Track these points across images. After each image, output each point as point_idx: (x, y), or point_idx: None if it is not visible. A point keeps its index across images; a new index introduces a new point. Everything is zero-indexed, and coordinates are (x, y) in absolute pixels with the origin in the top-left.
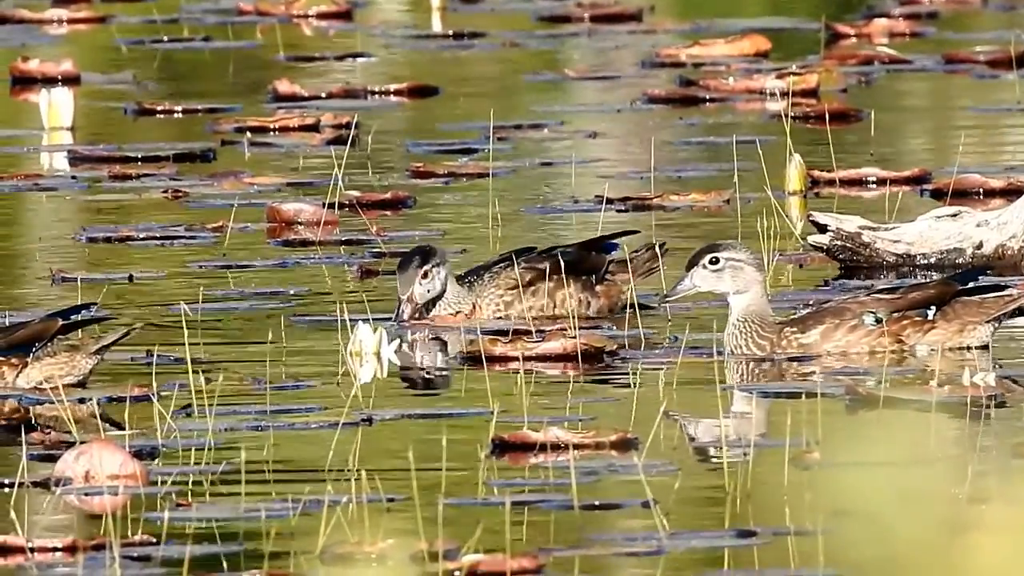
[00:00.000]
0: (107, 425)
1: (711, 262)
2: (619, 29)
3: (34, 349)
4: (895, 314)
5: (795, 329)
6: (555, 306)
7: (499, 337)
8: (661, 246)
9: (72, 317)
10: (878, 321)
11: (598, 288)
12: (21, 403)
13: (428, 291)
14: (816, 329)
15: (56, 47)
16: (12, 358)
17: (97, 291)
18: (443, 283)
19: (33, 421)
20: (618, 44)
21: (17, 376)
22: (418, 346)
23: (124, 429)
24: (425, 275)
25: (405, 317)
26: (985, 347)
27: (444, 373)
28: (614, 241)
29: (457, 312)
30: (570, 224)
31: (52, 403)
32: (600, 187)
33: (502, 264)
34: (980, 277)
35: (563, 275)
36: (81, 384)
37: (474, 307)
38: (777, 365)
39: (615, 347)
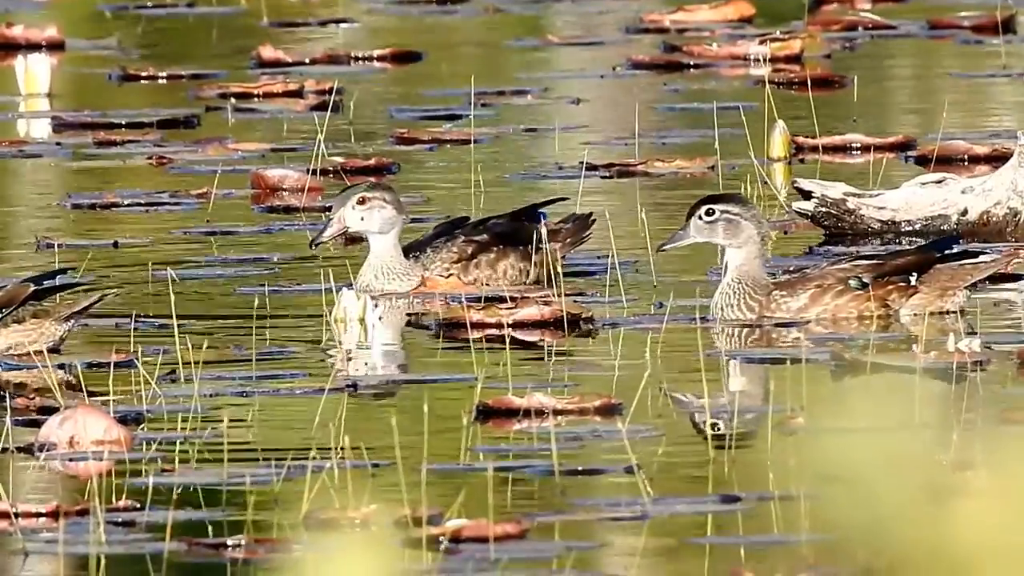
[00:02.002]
0: (90, 391)
1: (706, 213)
2: None
3: (0, 315)
4: (879, 279)
5: (784, 293)
6: (497, 277)
7: (472, 304)
8: (588, 216)
9: (46, 283)
10: (863, 286)
11: (535, 257)
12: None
13: (362, 219)
14: (804, 294)
15: (40, 13)
16: None
17: (82, 257)
18: (383, 222)
19: (14, 386)
20: (602, 10)
21: None
22: (400, 313)
23: (108, 395)
24: (362, 201)
25: (324, 237)
26: (963, 311)
27: (426, 340)
28: (541, 210)
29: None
30: (554, 190)
31: (35, 368)
32: (584, 153)
33: (443, 238)
34: (954, 245)
35: (502, 245)
36: (57, 350)
37: (423, 280)
38: (762, 330)
39: (591, 314)
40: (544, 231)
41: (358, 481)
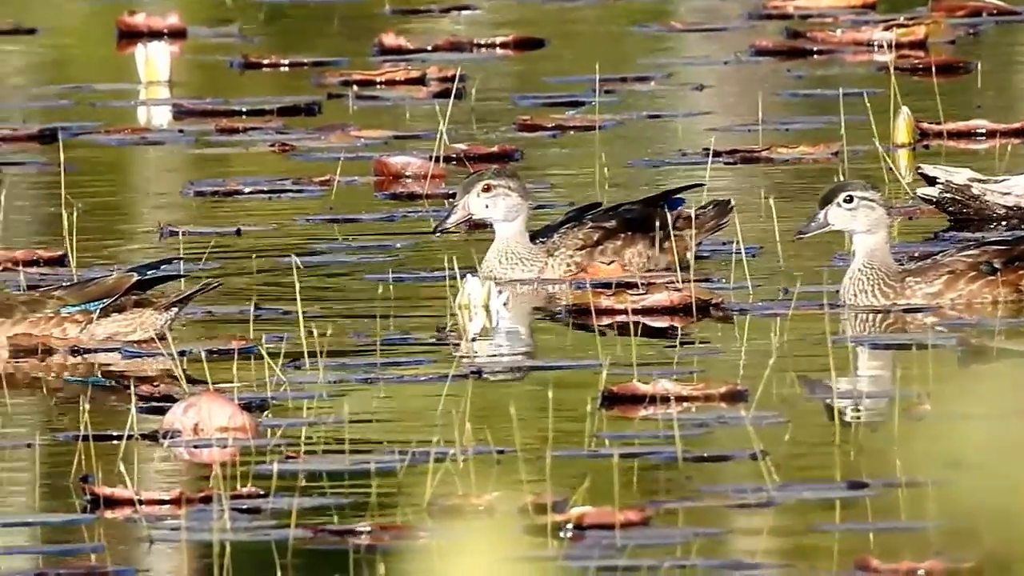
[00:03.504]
0: (214, 379)
1: (846, 200)
2: None
3: (101, 305)
4: (1009, 264)
5: (918, 279)
6: (623, 264)
7: (603, 290)
8: (727, 202)
9: (150, 273)
10: (994, 271)
11: (665, 244)
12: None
13: (487, 206)
14: (938, 280)
15: (162, 1)
16: (77, 314)
17: (205, 244)
18: (508, 210)
19: (138, 375)
20: None
21: (81, 332)
22: (526, 299)
23: (232, 382)
24: (487, 188)
25: (448, 223)
26: None
27: (552, 326)
28: (679, 196)
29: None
30: (678, 177)
31: (159, 356)
32: (707, 139)
33: (570, 224)
34: None
35: (630, 232)
36: (161, 337)
37: (582, 267)
38: (889, 316)
39: (720, 300)
40: (670, 218)
41: (482, 468)
